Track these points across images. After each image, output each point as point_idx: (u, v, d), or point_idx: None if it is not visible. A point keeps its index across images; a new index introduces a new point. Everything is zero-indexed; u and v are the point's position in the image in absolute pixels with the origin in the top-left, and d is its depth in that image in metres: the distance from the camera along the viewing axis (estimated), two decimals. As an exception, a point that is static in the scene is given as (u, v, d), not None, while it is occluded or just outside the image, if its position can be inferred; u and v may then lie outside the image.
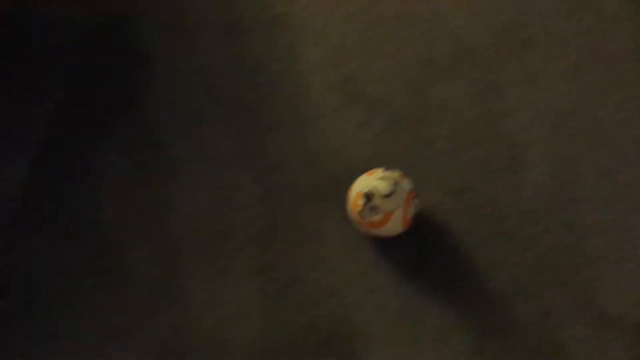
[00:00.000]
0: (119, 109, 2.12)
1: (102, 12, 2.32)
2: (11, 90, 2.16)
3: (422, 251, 1.85)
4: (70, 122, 2.12)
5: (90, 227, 1.97)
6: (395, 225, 1.77)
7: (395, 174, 1.76)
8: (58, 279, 1.91)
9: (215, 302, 1.85)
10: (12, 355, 1.83)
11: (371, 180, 1.75)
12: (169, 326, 1.83)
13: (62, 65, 2.20)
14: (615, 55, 2.06)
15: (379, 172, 1.78)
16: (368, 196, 1.72)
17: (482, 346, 1.74)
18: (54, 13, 2.32)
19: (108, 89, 2.16)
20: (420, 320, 1.78)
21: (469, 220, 1.88)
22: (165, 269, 1.90)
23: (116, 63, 2.21)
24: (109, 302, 1.87)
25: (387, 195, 1.71)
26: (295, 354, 1.77)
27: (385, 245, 1.83)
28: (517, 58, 2.07)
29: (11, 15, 2.31)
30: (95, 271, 1.91)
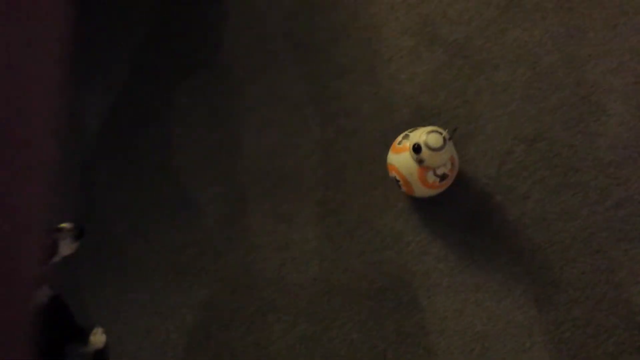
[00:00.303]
0: (194, 53, 2.17)
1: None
2: (92, 33, 2.24)
3: (489, 200, 1.84)
4: (146, 65, 2.18)
5: (163, 169, 2.06)
6: (420, 191, 1.77)
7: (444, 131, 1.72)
8: (132, 218, 2.03)
9: (281, 244, 1.91)
10: (88, 289, 1.95)
11: (420, 134, 1.71)
12: (237, 265, 1.92)
13: (141, 7, 2.25)
14: None
15: (422, 126, 1.75)
16: (417, 148, 1.69)
17: (545, 298, 1.73)
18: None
19: (184, 33, 2.20)
20: (483, 269, 1.78)
21: (541, 169, 1.84)
22: (233, 211, 1.97)
23: (192, 7, 2.24)
24: (180, 240, 1.98)
25: (437, 149, 1.67)
26: (357, 297, 1.82)
27: (451, 193, 1.82)
28: (601, 1, 1.97)
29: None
30: (166, 211, 2.01)
